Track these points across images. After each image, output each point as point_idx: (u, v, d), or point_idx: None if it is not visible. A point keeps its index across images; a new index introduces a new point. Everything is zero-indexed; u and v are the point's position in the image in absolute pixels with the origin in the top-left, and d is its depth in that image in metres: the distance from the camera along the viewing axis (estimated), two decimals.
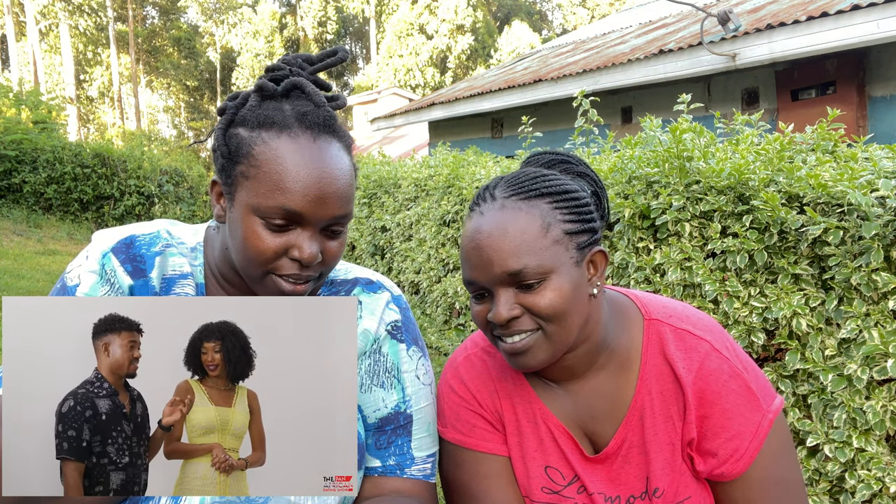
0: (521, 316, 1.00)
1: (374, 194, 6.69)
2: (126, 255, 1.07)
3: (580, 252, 1.02)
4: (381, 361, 1.13)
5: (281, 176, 0.95)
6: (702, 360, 1.04)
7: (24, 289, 6.22)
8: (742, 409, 1.02)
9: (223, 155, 1.00)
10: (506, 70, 11.57)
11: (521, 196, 1.02)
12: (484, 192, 1.07)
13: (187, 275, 1.09)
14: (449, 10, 31.50)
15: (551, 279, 0.98)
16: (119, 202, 10.74)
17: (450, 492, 1.18)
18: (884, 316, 1.95)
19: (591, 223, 1.04)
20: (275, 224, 0.96)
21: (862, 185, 1.99)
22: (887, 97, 5.31)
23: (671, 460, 1.05)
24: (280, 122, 0.98)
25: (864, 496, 1.95)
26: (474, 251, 1.01)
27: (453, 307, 5.22)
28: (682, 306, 1.13)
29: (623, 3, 31.35)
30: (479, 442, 1.14)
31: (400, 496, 1.09)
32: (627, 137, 3.07)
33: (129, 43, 32.61)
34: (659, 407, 1.06)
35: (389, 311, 1.16)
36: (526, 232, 0.99)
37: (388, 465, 1.12)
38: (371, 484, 1.11)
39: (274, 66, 1.06)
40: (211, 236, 1.14)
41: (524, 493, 1.13)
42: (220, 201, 1.05)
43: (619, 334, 1.09)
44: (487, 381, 1.17)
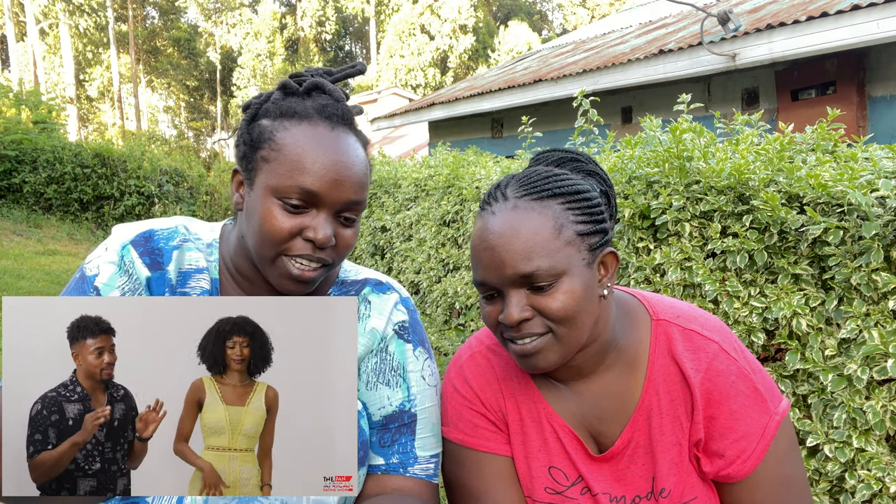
0: (532, 318, 0.99)
1: (374, 194, 6.69)
2: (144, 247, 1.10)
3: (592, 253, 1.01)
4: (388, 360, 1.15)
5: (300, 157, 1.00)
6: (710, 360, 1.03)
7: (24, 289, 6.22)
8: (750, 411, 1.02)
9: (245, 142, 1.06)
10: (506, 70, 11.57)
11: (534, 196, 1.01)
12: (495, 190, 1.05)
13: (203, 269, 1.12)
14: (452, 9, 31.51)
15: (563, 281, 0.97)
16: (119, 202, 10.73)
17: (451, 491, 1.18)
18: (884, 316, 1.94)
19: (603, 224, 1.03)
20: (291, 205, 1.00)
21: (862, 185, 1.99)
22: (887, 97, 5.31)
23: (678, 461, 1.05)
24: (301, 113, 1.04)
25: (864, 496, 1.95)
26: (486, 252, 1.00)
27: (453, 307, 5.22)
28: (688, 307, 1.13)
29: (623, 3, 31.33)
30: (481, 442, 1.14)
31: (402, 494, 1.10)
32: (627, 137, 3.06)
33: (129, 43, 32.60)
34: (666, 407, 1.06)
35: (397, 312, 1.17)
36: (538, 233, 0.97)
37: (392, 463, 1.12)
38: (374, 481, 1.12)
39: (297, 73, 1.13)
40: (227, 232, 1.18)
41: (527, 494, 1.12)
42: (240, 189, 1.09)
43: (627, 334, 1.09)
44: (492, 381, 1.16)
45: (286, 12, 38.05)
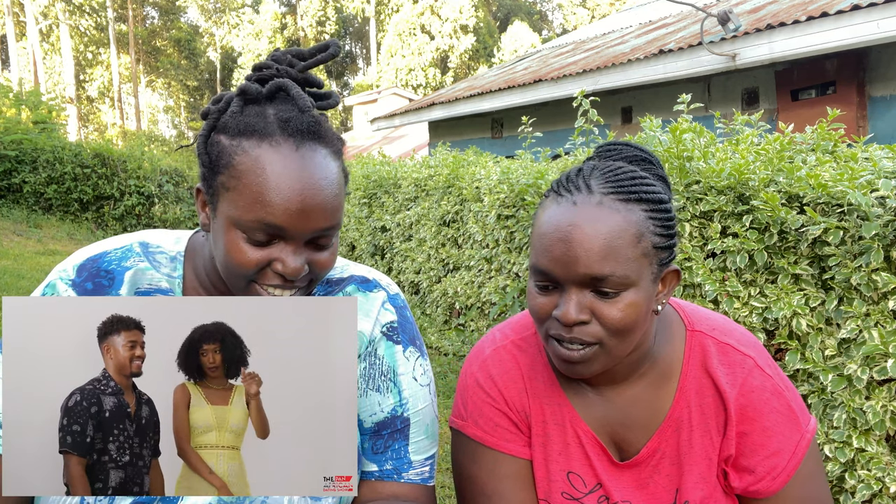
0: (588, 321, 0.95)
1: (374, 194, 6.69)
2: (90, 271, 1.05)
3: (660, 268, 0.97)
4: (377, 365, 1.11)
5: (261, 189, 0.91)
6: (745, 376, 1.02)
7: (24, 289, 6.22)
8: (782, 428, 1.01)
9: (204, 164, 0.97)
10: (506, 70, 11.57)
11: (621, 196, 0.94)
12: (577, 178, 0.98)
13: (166, 290, 1.06)
14: (453, 9, 31.52)
15: (630, 292, 0.93)
16: (119, 202, 10.73)
17: (462, 486, 1.15)
18: (884, 316, 1.94)
19: (674, 239, 0.99)
20: (257, 238, 0.93)
21: (862, 185, 1.99)
22: (887, 97, 5.31)
23: (706, 474, 1.04)
24: (261, 130, 0.93)
25: (864, 496, 1.95)
26: (560, 243, 0.93)
27: (453, 307, 5.22)
28: (724, 319, 1.10)
29: (623, 3, 31.31)
30: (500, 442, 1.11)
31: (397, 501, 1.08)
32: (627, 137, 3.06)
33: (129, 43, 32.61)
34: (697, 420, 1.04)
35: (385, 312, 1.13)
36: (620, 237, 0.92)
37: (385, 469, 1.09)
38: (368, 488, 1.09)
39: (261, 64, 1.01)
40: (199, 244, 1.11)
41: (543, 497, 1.10)
42: (205, 209, 1.01)
43: (663, 344, 1.07)
44: (517, 379, 1.12)
45: (286, 12, 38.06)
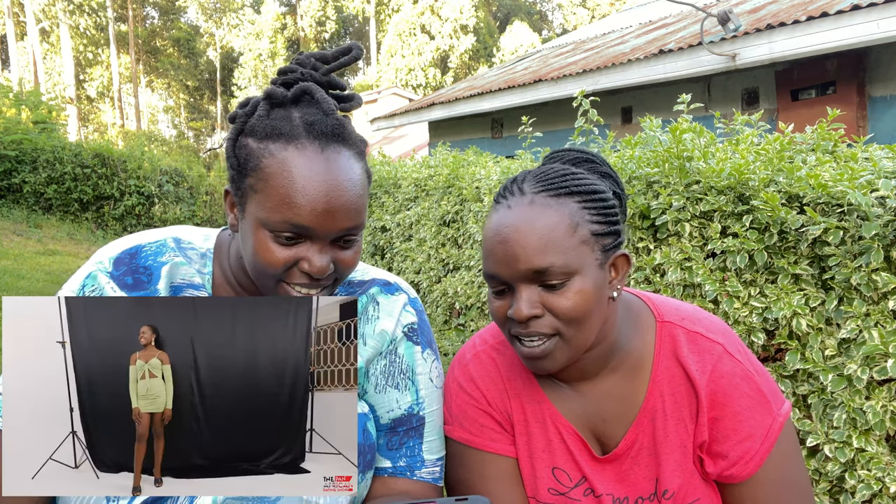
0: (542, 315, 0.98)
1: (374, 194, 6.69)
2: (128, 266, 1.08)
3: (605, 254, 1.00)
4: (397, 363, 1.14)
5: (288, 190, 0.95)
6: (715, 362, 1.04)
7: (24, 289, 6.22)
8: (754, 412, 1.02)
9: (233, 167, 1.01)
10: (506, 70, 11.57)
11: (551, 192, 0.99)
12: (511, 185, 1.04)
13: (199, 286, 1.10)
14: (453, 9, 31.52)
15: (575, 280, 0.96)
16: (119, 202, 10.73)
17: (453, 491, 1.17)
18: (884, 316, 1.94)
19: (617, 225, 1.02)
20: (284, 237, 0.97)
21: (862, 185, 1.99)
22: (887, 97, 5.31)
23: (682, 462, 1.05)
24: (287, 133, 0.97)
25: (864, 496, 1.95)
26: (500, 245, 0.98)
27: (453, 307, 5.22)
28: (693, 308, 1.12)
29: (623, 3, 31.31)
30: (486, 442, 1.13)
31: (409, 497, 1.09)
32: (627, 137, 3.06)
33: (129, 43, 32.61)
34: (671, 409, 1.06)
35: (406, 314, 1.17)
36: (554, 229, 0.96)
37: (399, 466, 1.12)
38: (380, 484, 1.12)
39: (286, 68, 1.06)
40: (225, 241, 1.15)
41: (530, 494, 1.12)
42: (233, 210, 1.05)
43: (632, 336, 1.09)
44: (497, 380, 1.15)
45: (286, 12, 38.05)
